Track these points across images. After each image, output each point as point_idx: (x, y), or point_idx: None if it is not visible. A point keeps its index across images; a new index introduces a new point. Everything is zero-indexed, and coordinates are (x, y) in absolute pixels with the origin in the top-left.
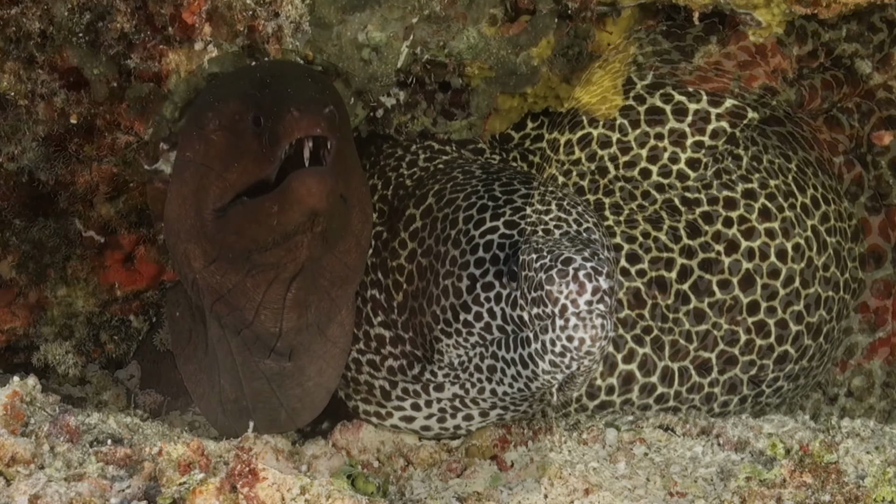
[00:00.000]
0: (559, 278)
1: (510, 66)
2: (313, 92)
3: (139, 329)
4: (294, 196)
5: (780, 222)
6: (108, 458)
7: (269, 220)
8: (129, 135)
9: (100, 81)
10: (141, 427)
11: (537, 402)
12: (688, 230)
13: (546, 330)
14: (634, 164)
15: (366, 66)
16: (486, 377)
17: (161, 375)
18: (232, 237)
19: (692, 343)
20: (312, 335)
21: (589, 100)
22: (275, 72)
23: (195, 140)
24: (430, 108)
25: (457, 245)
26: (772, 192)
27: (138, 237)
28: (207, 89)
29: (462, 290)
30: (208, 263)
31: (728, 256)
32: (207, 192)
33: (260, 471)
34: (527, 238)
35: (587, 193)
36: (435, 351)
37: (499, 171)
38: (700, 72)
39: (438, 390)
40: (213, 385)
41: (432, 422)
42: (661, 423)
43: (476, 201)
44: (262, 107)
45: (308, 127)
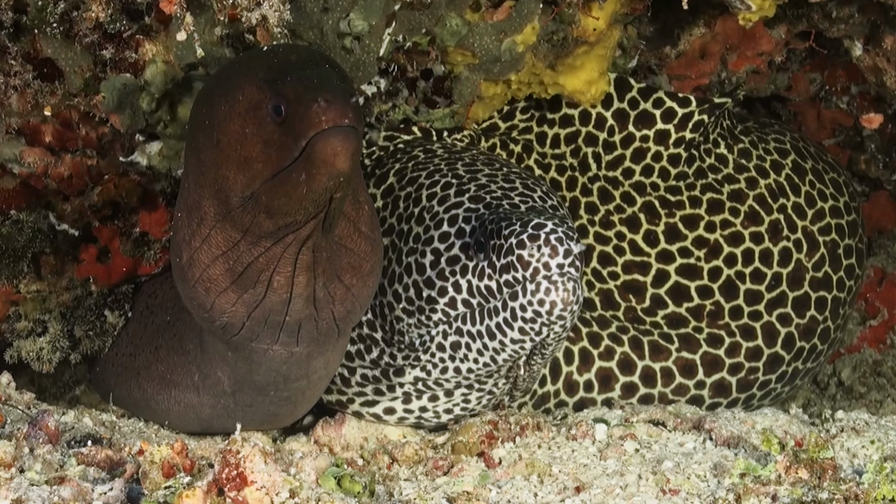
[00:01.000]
0: (531, 242)
1: (494, 53)
2: (337, 79)
3: (115, 324)
4: (320, 158)
5: (767, 225)
6: (89, 459)
7: (299, 189)
8: (104, 126)
9: (74, 72)
10: (117, 424)
11: (502, 378)
12: (666, 234)
13: (516, 296)
14: (618, 163)
15: (348, 56)
16: (449, 355)
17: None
18: (263, 216)
19: (673, 344)
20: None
21: (574, 86)
22: (290, 57)
23: (207, 128)
24: (411, 96)
25: (420, 222)
26: (761, 193)
27: (113, 231)
28: (217, 76)
29: (426, 265)
30: (226, 250)
31: (708, 263)
32: (232, 182)
33: (248, 474)
34: (493, 210)
35: (563, 190)
36: (395, 332)
37: (460, 150)
38: (686, 56)
39: (399, 374)
40: (207, 377)
41: (396, 404)
42: (652, 418)
43: (440, 179)
44: (282, 95)
45: (336, 117)
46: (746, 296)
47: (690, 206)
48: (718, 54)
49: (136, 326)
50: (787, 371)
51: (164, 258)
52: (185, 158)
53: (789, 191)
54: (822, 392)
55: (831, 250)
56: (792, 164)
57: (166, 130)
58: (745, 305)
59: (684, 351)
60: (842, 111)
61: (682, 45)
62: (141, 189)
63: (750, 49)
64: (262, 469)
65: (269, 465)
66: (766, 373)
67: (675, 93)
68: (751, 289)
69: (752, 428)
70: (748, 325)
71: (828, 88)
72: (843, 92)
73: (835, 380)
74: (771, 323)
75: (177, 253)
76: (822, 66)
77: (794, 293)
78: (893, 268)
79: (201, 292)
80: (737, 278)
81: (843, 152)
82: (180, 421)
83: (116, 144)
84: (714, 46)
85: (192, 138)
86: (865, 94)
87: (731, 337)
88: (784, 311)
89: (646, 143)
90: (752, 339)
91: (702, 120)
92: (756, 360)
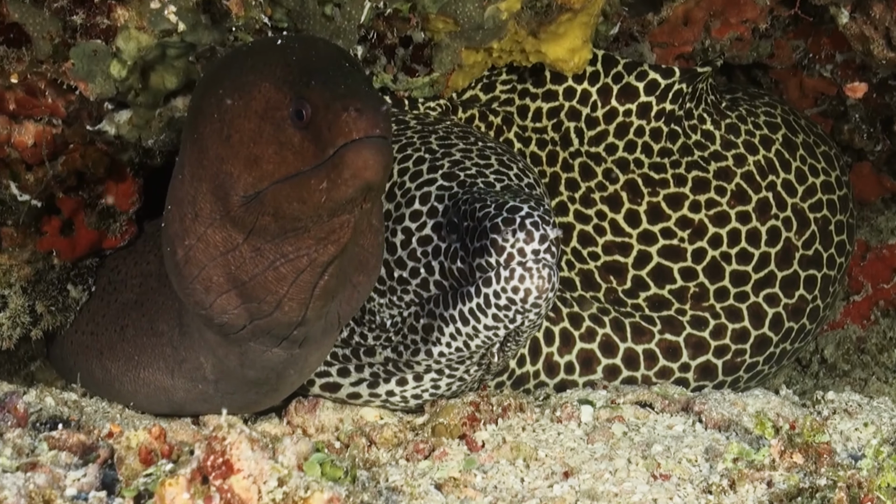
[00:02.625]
0: (505, 226)
1: (477, 21)
2: (365, 84)
3: (77, 299)
4: (351, 170)
5: (755, 204)
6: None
7: (317, 196)
8: (71, 94)
9: (43, 38)
10: (80, 404)
11: (475, 365)
12: (648, 214)
13: (489, 282)
14: (601, 139)
15: (328, 23)
16: (421, 338)
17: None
18: (267, 219)
19: (655, 326)
20: (331, 325)
21: (557, 54)
22: (309, 55)
23: (216, 122)
24: (390, 63)
25: (391, 198)
26: (749, 170)
27: (78, 202)
28: (225, 66)
29: (396, 245)
30: (225, 252)
31: (692, 244)
32: (235, 179)
33: (235, 462)
34: (468, 189)
35: (544, 165)
36: (366, 311)
37: (434, 123)
38: (668, 23)
39: (369, 354)
40: (185, 361)
41: (361, 388)
42: (639, 399)
43: (412, 153)
44: (306, 98)
45: (367, 128)
46: (732, 277)
47: (675, 185)
48: (702, 21)
49: (98, 303)
50: (774, 352)
51: (131, 231)
52: (182, 149)
53: (779, 167)
54: (804, 370)
55: (822, 227)
56: (782, 138)
57: (137, 99)
58: (731, 286)
59: (667, 333)
60: (825, 80)
61: (664, 12)
62: (108, 159)
63: (734, 16)
64: (250, 456)
65: (256, 452)
66: (753, 355)
67: (660, 65)
68: (737, 270)
69: (744, 410)
70: (734, 307)
71: (811, 56)
72: (827, 60)
73: (817, 357)
74: (758, 304)
75: (170, 246)
76: (807, 33)
77: (783, 273)
78: (877, 241)
79: (200, 290)
80: (722, 259)
81: (826, 122)
82: (148, 403)
83: (84, 113)
84: (697, 13)
85: (194, 129)
86: (850, 63)
87: (716, 319)
88: (772, 292)
89: (629, 118)
90: (739, 321)
91: (681, 89)
92: (743, 343)
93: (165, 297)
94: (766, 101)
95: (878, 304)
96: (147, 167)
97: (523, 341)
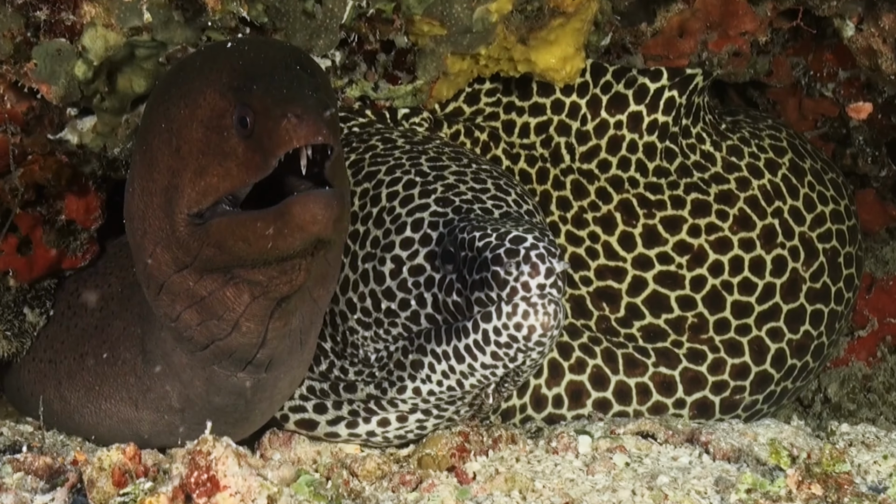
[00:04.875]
0: (508, 258)
1: (465, 23)
2: (310, 89)
3: (35, 324)
4: (296, 222)
5: (759, 231)
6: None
7: (262, 241)
8: (32, 99)
9: (3, 36)
10: (37, 437)
11: (466, 405)
12: (644, 237)
13: (489, 317)
14: (593, 155)
15: (308, 21)
16: (409, 374)
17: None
18: (211, 250)
19: (649, 358)
20: (294, 343)
21: (547, 63)
22: (255, 56)
23: (164, 132)
24: (370, 70)
25: (379, 224)
26: (753, 195)
27: (36, 218)
28: (176, 72)
29: (385, 274)
30: (178, 269)
31: (691, 271)
32: (180, 193)
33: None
34: (464, 216)
35: (534, 183)
36: (348, 344)
37: (423, 142)
38: (663, 35)
39: (349, 390)
40: (149, 390)
41: (340, 427)
42: (640, 430)
43: (401, 176)
44: (249, 105)
45: (308, 135)
46: (734, 308)
47: (672, 207)
48: (698, 32)
49: (57, 328)
50: (775, 391)
51: (92, 250)
52: (133, 162)
53: (786, 193)
54: (806, 410)
55: (831, 259)
56: (789, 163)
57: (103, 104)
58: (733, 318)
59: (662, 366)
60: (826, 100)
61: (659, 22)
62: (69, 171)
63: (732, 28)
64: (237, 472)
65: (243, 468)
66: (752, 392)
67: (647, 68)
68: (739, 300)
69: (755, 440)
70: (734, 341)
71: (812, 74)
72: (829, 78)
73: (820, 396)
74: (760, 338)
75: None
76: (807, 49)
77: (789, 306)
78: (882, 273)
79: (167, 302)
80: (723, 289)
81: (827, 146)
82: (111, 436)
83: (44, 120)
84: (694, 24)
85: (145, 141)
86: (854, 81)
87: (714, 353)
88: (776, 326)
89: (620, 131)
90: (739, 356)
91: (672, 98)
92: (742, 379)
93: (127, 322)
94: (771, 123)
95: (884, 340)
96: (110, 180)
97: (521, 381)
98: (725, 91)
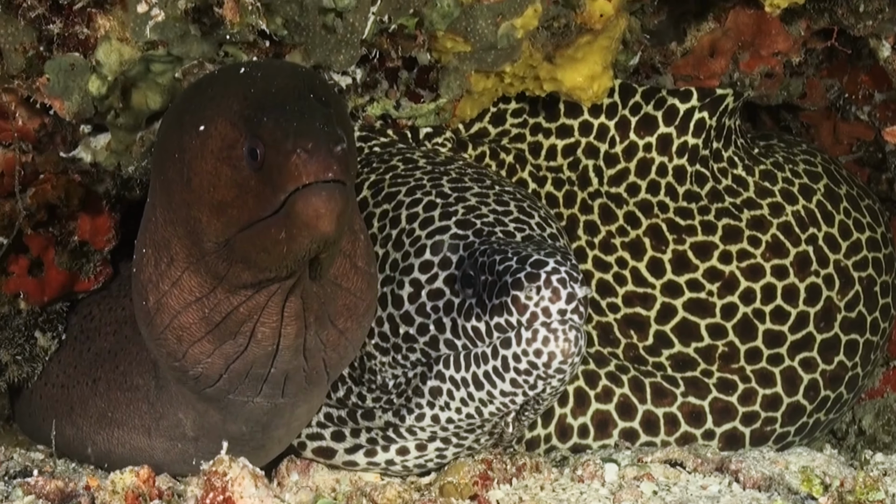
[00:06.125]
0: (528, 282)
1: (489, 40)
2: (321, 121)
3: (46, 348)
4: (301, 219)
5: (793, 258)
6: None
7: (279, 247)
8: (44, 116)
9: (15, 50)
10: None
11: (486, 434)
12: (674, 263)
13: (509, 343)
14: (622, 178)
15: (328, 35)
16: (427, 401)
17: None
18: (239, 266)
19: (678, 388)
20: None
21: (573, 82)
22: (268, 83)
23: (177, 162)
24: (392, 88)
25: (398, 247)
26: (787, 221)
27: (48, 239)
28: (189, 97)
29: (403, 298)
30: (203, 296)
31: (722, 298)
32: (206, 225)
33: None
34: (485, 239)
35: (560, 207)
36: (366, 370)
37: (445, 162)
38: (693, 54)
39: (367, 418)
40: (162, 418)
41: (358, 455)
42: (669, 458)
43: (422, 197)
44: (259, 136)
45: (318, 171)
46: (765, 337)
47: (703, 233)
48: (730, 52)
49: (70, 353)
50: (807, 423)
51: (106, 273)
52: (152, 188)
53: (821, 219)
54: (839, 442)
55: (867, 288)
56: (824, 189)
57: (117, 120)
58: (764, 348)
59: (691, 396)
60: (862, 123)
61: (689, 42)
62: (82, 190)
63: (765, 47)
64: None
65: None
66: (784, 424)
67: (677, 88)
68: (771, 329)
69: (786, 468)
70: (766, 371)
71: (847, 97)
72: (865, 101)
73: (855, 428)
74: (793, 368)
75: (141, 294)
76: (842, 70)
77: (823, 335)
78: None
79: (172, 340)
80: (755, 317)
81: (862, 171)
82: (123, 464)
83: (57, 137)
84: (725, 43)
85: (161, 169)
86: (890, 103)
87: (745, 383)
88: (809, 356)
89: (649, 154)
90: (770, 386)
91: (702, 119)
92: (774, 410)
93: (141, 347)
94: (805, 148)
95: None
96: (125, 200)
97: (542, 409)
98: (757, 114)
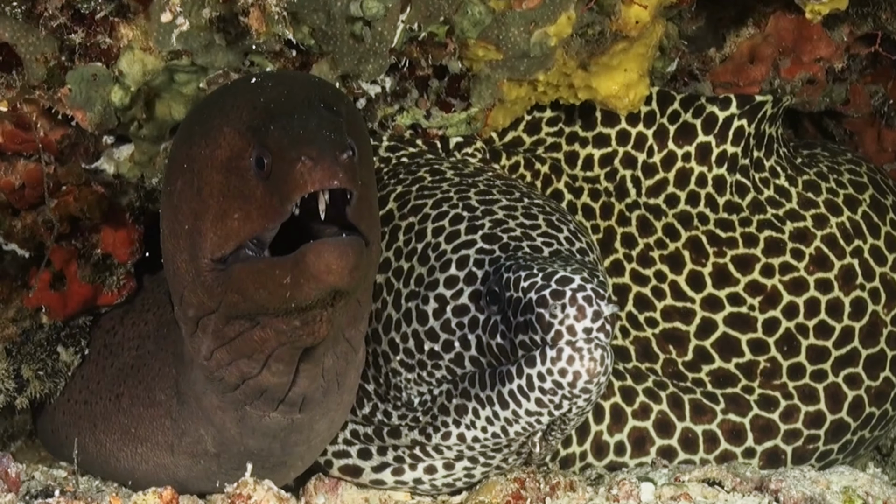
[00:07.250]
0: (554, 300)
1: (522, 48)
2: (328, 129)
3: (69, 363)
4: (310, 272)
5: (837, 271)
6: None
7: (281, 290)
8: (66, 127)
9: (36, 60)
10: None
11: (514, 454)
12: (714, 276)
13: (533, 362)
14: (660, 189)
15: (357, 45)
16: (453, 420)
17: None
18: (235, 297)
19: (718, 405)
20: (329, 384)
21: (609, 90)
22: (277, 93)
23: (186, 172)
24: (422, 97)
25: (424, 261)
26: (831, 233)
27: (70, 252)
28: (199, 108)
29: (428, 314)
30: (205, 314)
31: (764, 313)
32: (203, 237)
33: None
34: (511, 254)
35: (597, 219)
36: (391, 387)
37: (474, 174)
38: (733, 60)
39: (394, 435)
40: (184, 434)
41: (385, 474)
42: (707, 477)
43: (448, 210)
44: (266, 145)
45: (323, 179)
46: (809, 352)
47: (744, 245)
48: (770, 58)
49: (93, 368)
50: (851, 440)
51: (129, 286)
52: (161, 201)
53: (867, 231)
54: (884, 459)
55: None
56: (870, 199)
57: (140, 131)
58: (808, 363)
59: (731, 413)
60: None
61: (728, 48)
62: (105, 202)
63: (806, 54)
64: None
65: None
66: (827, 442)
67: (716, 96)
68: (815, 344)
69: (827, 488)
70: (809, 387)
71: (891, 103)
72: None
73: None
74: (837, 384)
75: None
76: (886, 76)
77: (868, 351)
78: None
79: (201, 339)
80: (798, 332)
81: None
82: (147, 481)
83: (79, 149)
84: (765, 49)
85: (170, 181)
86: None
87: (787, 399)
88: (854, 372)
89: (688, 163)
90: (814, 403)
91: (741, 127)
92: (817, 428)
93: (162, 362)
94: (850, 157)
95: None
96: (148, 212)
97: (569, 429)
98: (800, 121)
